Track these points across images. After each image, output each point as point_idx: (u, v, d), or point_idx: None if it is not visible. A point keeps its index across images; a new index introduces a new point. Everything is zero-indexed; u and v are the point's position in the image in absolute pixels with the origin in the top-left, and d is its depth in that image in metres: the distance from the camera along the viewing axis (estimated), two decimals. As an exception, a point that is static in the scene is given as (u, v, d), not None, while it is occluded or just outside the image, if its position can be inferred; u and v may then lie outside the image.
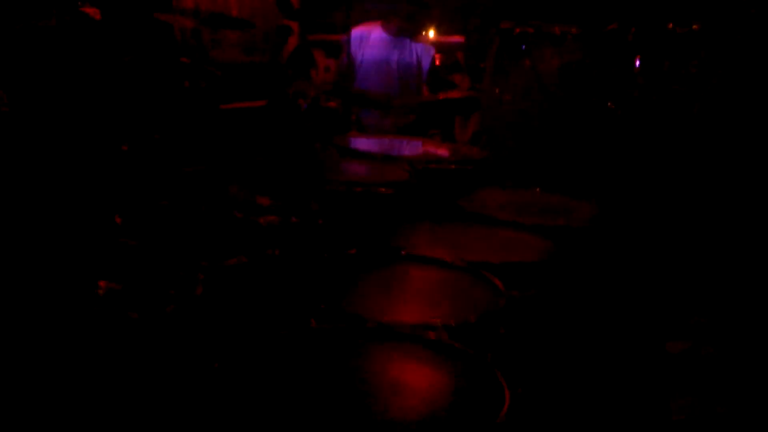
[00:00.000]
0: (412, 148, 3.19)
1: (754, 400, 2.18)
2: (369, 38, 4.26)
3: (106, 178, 2.56)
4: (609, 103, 3.09)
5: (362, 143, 3.25)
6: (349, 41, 4.27)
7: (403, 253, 2.06)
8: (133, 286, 1.59)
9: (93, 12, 3.41)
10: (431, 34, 5.46)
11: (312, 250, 1.99)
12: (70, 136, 2.77)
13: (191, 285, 1.60)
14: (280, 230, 2.01)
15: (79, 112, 2.86)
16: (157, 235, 1.87)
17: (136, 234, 1.84)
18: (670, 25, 2.93)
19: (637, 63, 3.06)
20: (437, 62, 4.64)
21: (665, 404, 2.21)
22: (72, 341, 1.49)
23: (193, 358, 1.50)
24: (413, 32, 4.35)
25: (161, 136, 2.81)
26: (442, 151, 3.22)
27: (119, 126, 2.86)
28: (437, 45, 4.81)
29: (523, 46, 3.33)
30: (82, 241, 1.80)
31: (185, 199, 2.11)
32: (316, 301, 1.69)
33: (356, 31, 4.24)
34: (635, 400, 2.19)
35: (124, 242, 1.80)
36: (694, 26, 2.95)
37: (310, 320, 1.62)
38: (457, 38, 5.66)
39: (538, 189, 2.77)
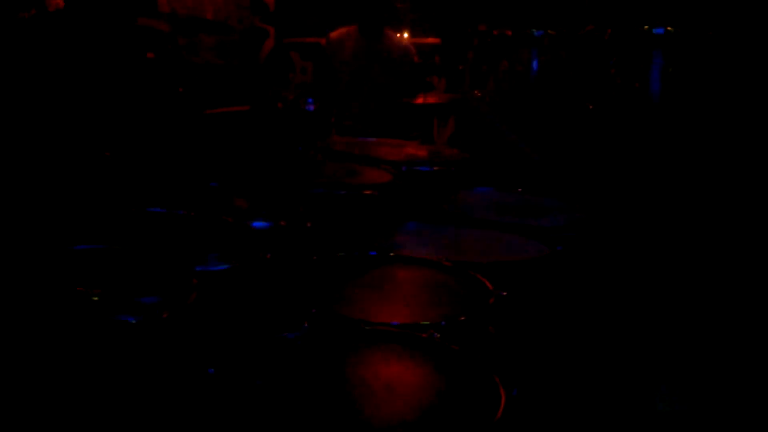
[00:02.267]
0: (393, 150, 3.20)
1: (736, 391, 2.23)
2: (346, 41, 4.27)
3: (88, 184, 2.54)
4: (588, 104, 3.13)
5: (344, 146, 3.25)
6: (326, 43, 4.28)
7: (391, 254, 2.08)
8: (127, 293, 1.59)
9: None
10: (407, 36, 5.49)
11: (302, 253, 2.00)
12: (42, 139, 2.73)
13: (185, 291, 1.59)
14: (270, 234, 2.01)
15: (52, 114, 2.82)
16: (148, 242, 1.87)
17: (127, 241, 1.84)
18: (646, 27, 2.99)
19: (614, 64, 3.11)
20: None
21: (651, 396, 2.25)
22: (61, 349, 1.48)
23: (189, 363, 1.51)
24: (390, 35, 4.37)
25: (142, 142, 2.80)
26: (424, 153, 3.24)
27: (100, 131, 2.83)
28: (414, 47, 4.83)
29: (501, 49, 3.36)
30: (65, 248, 1.79)
31: (176, 205, 2.11)
32: (308, 304, 1.70)
33: (333, 34, 4.24)
34: (622, 392, 2.23)
35: (115, 249, 1.79)
36: (669, 28, 3.01)
37: (303, 323, 1.63)
38: (433, 40, 5.69)
39: (519, 189, 2.81)
